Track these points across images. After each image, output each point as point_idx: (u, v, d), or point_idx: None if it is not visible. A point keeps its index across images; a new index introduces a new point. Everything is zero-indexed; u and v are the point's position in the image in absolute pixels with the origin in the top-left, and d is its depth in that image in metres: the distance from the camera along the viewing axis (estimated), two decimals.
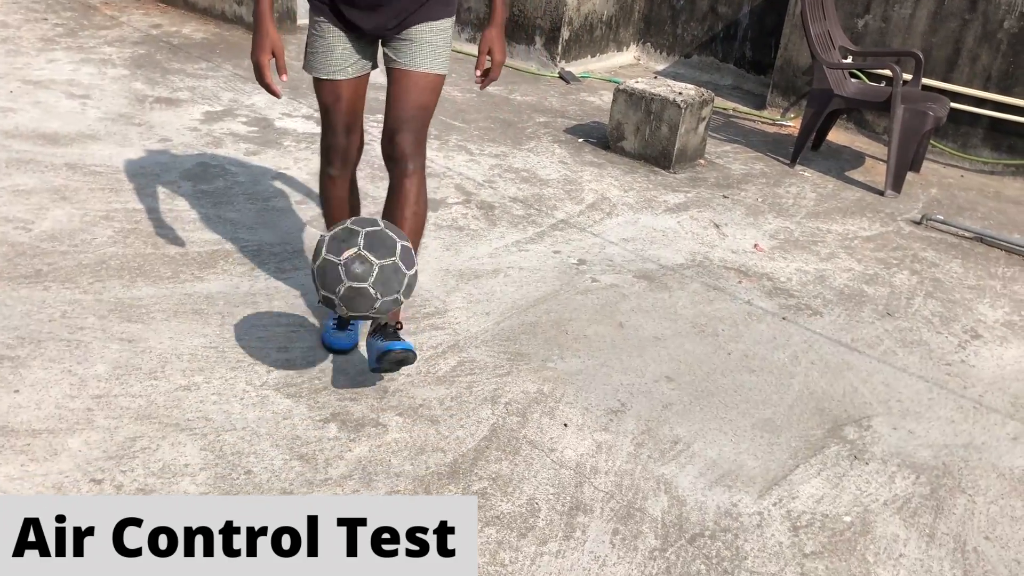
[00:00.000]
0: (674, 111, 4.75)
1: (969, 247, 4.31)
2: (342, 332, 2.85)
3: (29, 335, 2.75)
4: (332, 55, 2.57)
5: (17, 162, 3.94)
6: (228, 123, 4.74)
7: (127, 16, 6.71)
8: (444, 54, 2.61)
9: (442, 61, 2.61)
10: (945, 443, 2.79)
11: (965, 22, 5.46)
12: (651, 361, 3.04)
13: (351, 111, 2.65)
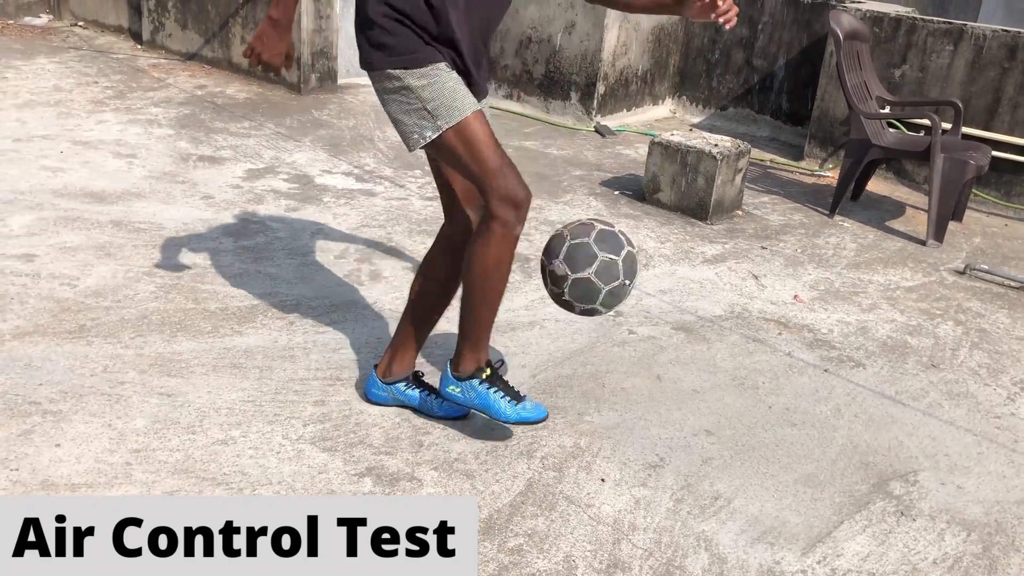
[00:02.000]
0: (710, 163, 4.75)
1: (1016, 297, 4.22)
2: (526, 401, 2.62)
3: (71, 389, 2.79)
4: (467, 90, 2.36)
5: (65, 220, 4.04)
6: (269, 180, 4.83)
7: (173, 78, 6.91)
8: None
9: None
10: (996, 499, 2.70)
11: (1004, 70, 5.42)
12: (690, 414, 3.00)
13: None
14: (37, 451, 2.49)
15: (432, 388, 2.79)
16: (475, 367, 2.58)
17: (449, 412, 2.77)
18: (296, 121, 6.01)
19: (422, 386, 2.81)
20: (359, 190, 4.81)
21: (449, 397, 2.63)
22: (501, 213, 2.34)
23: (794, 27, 6.51)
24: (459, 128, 2.32)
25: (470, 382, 2.59)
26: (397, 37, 2.30)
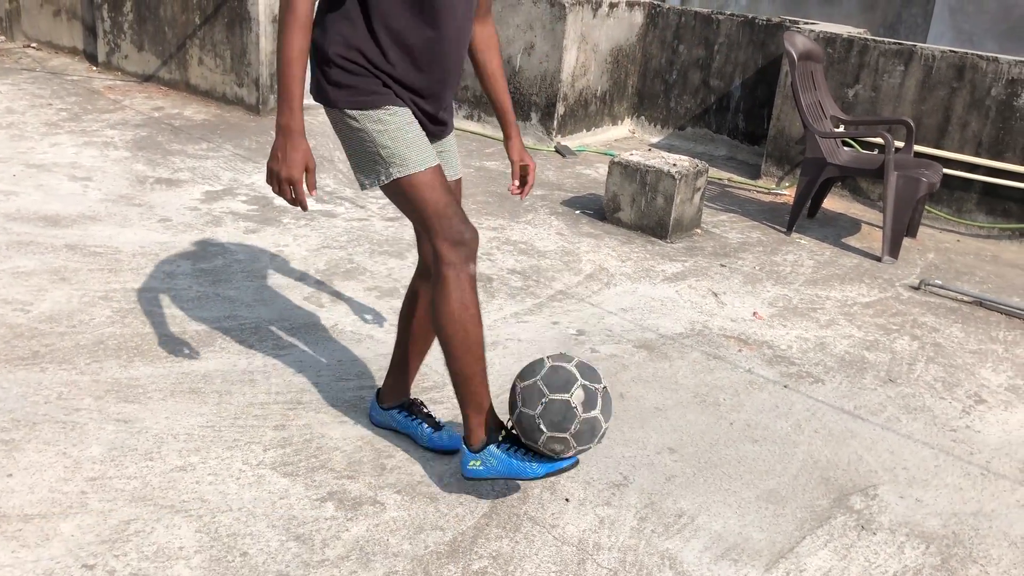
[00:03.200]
0: (669, 182, 4.80)
1: (969, 311, 4.30)
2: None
3: (24, 417, 2.72)
4: (424, 140, 2.34)
5: (17, 244, 3.97)
6: (228, 202, 4.78)
7: (130, 100, 6.84)
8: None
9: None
10: (954, 511, 2.74)
11: (953, 90, 5.56)
12: (653, 432, 3.01)
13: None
14: None
15: (427, 417, 2.78)
16: (486, 433, 2.46)
17: (436, 444, 2.74)
18: (255, 142, 5.97)
19: (416, 414, 2.79)
20: (319, 211, 4.78)
21: (474, 476, 2.45)
22: (448, 255, 2.32)
23: (749, 48, 6.62)
24: (407, 180, 2.31)
25: (487, 451, 2.45)
26: (356, 77, 2.28)
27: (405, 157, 2.29)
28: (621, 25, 6.93)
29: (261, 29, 6.52)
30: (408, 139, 2.30)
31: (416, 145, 2.31)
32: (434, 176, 2.33)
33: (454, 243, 2.31)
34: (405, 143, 2.30)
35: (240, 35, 6.66)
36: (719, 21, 6.73)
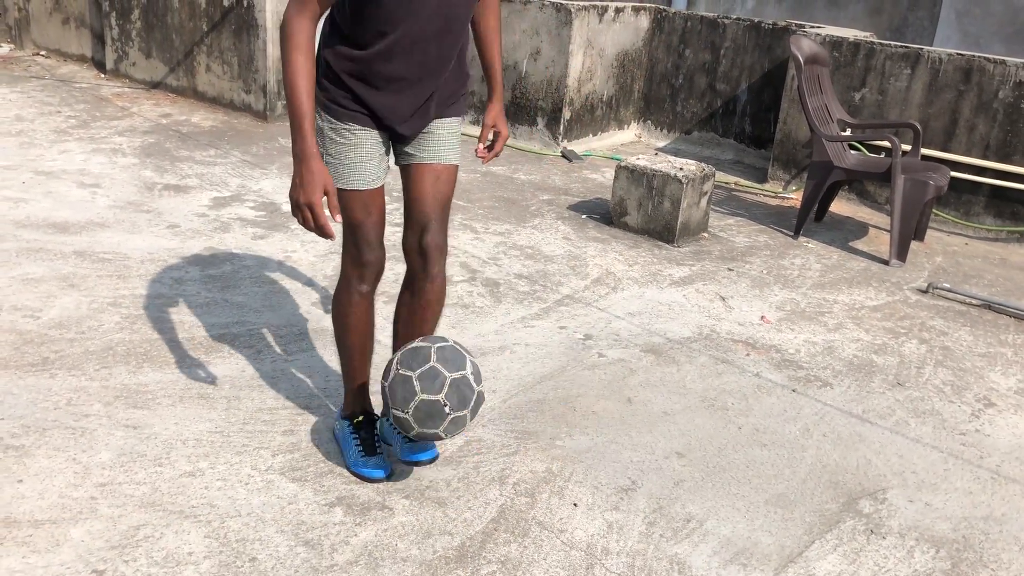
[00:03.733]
0: (676, 186, 4.80)
1: (977, 315, 4.29)
2: (374, 459, 2.64)
3: (34, 423, 2.74)
4: (370, 164, 2.43)
5: (27, 251, 3.99)
6: (236, 208, 4.80)
7: (138, 107, 6.86)
8: (459, 146, 2.58)
9: (459, 153, 2.58)
10: (964, 515, 2.73)
11: (960, 93, 5.55)
12: (661, 437, 3.00)
13: (382, 220, 2.50)
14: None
15: None
16: (350, 411, 2.72)
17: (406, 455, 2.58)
18: (262, 148, 5.99)
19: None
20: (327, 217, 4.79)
21: (335, 432, 2.80)
22: (346, 270, 2.52)
23: (756, 52, 6.62)
24: (342, 192, 2.43)
25: (343, 422, 2.74)
26: (332, 83, 2.37)
27: (340, 173, 2.42)
28: (627, 30, 6.93)
29: (268, 36, 6.54)
30: (352, 158, 2.41)
31: (358, 166, 2.42)
32: (362, 197, 2.43)
33: (352, 262, 2.50)
34: (348, 162, 2.41)
35: (247, 42, 6.68)
36: (725, 25, 6.74)
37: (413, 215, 2.51)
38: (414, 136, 2.49)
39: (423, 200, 2.49)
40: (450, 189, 2.54)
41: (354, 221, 2.46)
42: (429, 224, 2.49)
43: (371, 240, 2.47)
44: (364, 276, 2.51)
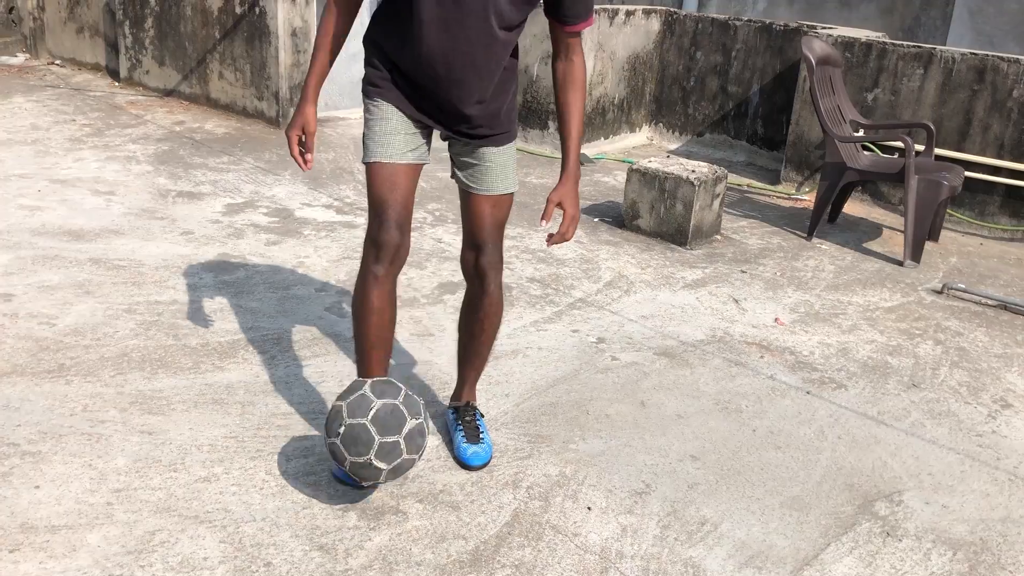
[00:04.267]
0: (688, 189, 4.79)
1: (993, 315, 4.26)
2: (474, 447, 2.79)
3: (51, 430, 2.75)
4: (394, 137, 2.45)
5: (43, 259, 4.02)
6: (249, 214, 4.82)
7: (151, 114, 6.91)
8: (514, 171, 2.63)
9: (514, 179, 2.63)
10: (981, 517, 2.71)
11: (974, 93, 5.52)
12: (675, 440, 3.00)
13: (406, 203, 2.47)
14: (16, 493, 2.45)
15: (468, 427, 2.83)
16: None
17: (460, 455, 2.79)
18: (275, 155, 6.01)
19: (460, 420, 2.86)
20: (339, 222, 4.81)
21: None
22: (365, 251, 2.51)
23: (767, 53, 6.60)
24: (368, 167, 2.49)
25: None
26: (369, 65, 2.48)
27: (368, 146, 2.48)
28: (638, 33, 6.93)
29: (280, 43, 6.57)
30: (378, 130, 2.45)
31: (383, 138, 2.45)
32: (385, 171, 2.45)
33: (370, 240, 2.47)
34: (374, 134, 2.46)
35: (260, 49, 6.72)
36: (736, 27, 6.73)
37: (470, 236, 2.61)
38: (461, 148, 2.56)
39: (480, 226, 2.58)
40: (506, 214, 2.63)
41: (375, 196, 2.45)
42: (485, 246, 2.59)
43: (388, 219, 2.43)
44: (379, 256, 2.46)
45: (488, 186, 2.57)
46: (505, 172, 2.59)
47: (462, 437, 2.78)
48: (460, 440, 2.78)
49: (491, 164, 2.56)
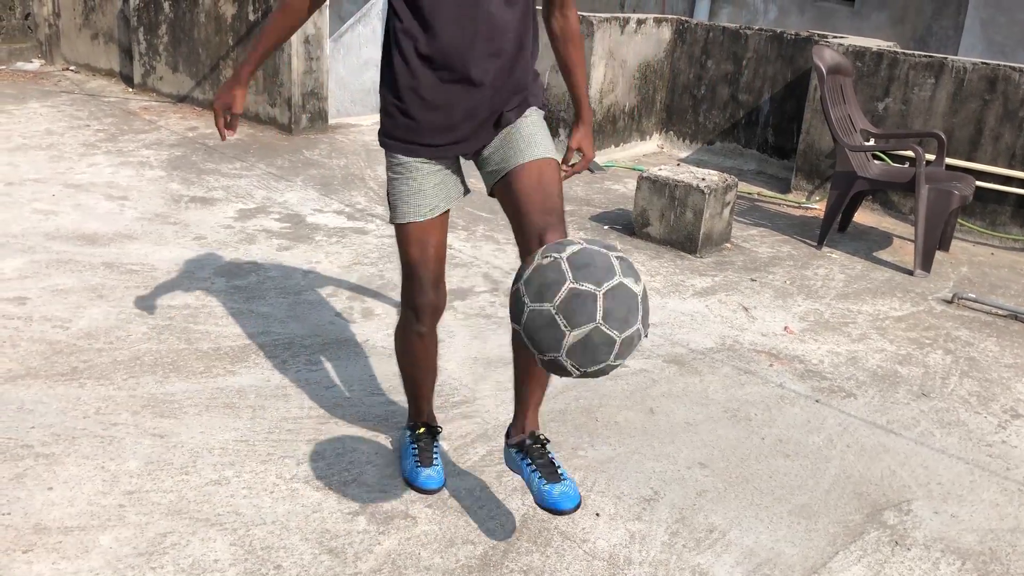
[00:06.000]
0: (698, 196, 4.80)
1: (1004, 325, 4.25)
2: (429, 468, 2.57)
3: (64, 432, 2.78)
4: (421, 196, 2.35)
5: (57, 263, 4.05)
6: (261, 220, 4.85)
7: (165, 120, 6.96)
8: (548, 138, 2.41)
9: (551, 145, 2.39)
10: (990, 527, 2.70)
11: (985, 102, 5.51)
12: (683, 447, 3.00)
13: (439, 257, 2.40)
14: (29, 495, 2.48)
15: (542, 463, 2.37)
16: (411, 423, 2.73)
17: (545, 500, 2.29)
18: (287, 161, 6.05)
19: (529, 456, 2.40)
20: (351, 228, 4.84)
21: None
22: (404, 312, 2.50)
23: (778, 62, 6.61)
24: (397, 227, 2.43)
25: (405, 431, 2.77)
26: (389, 117, 2.35)
27: (396, 207, 2.40)
28: (649, 41, 6.95)
29: (293, 50, 6.61)
30: (403, 190, 2.37)
31: (410, 199, 2.37)
32: (416, 232, 2.38)
33: (407, 302, 2.47)
34: (400, 195, 2.38)
35: (273, 56, 6.76)
36: (747, 36, 6.74)
37: (527, 228, 2.23)
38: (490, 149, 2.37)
39: (532, 208, 2.23)
40: (557, 185, 2.29)
41: (409, 260, 2.40)
42: (547, 226, 2.19)
43: (424, 282, 2.40)
44: (420, 318, 2.46)
45: (524, 154, 2.31)
46: (536, 138, 2.34)
47: (539, 479, 2.32)
48: (539, 483, 2.31)
49: (520, 131, 2.34)
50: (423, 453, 2.62)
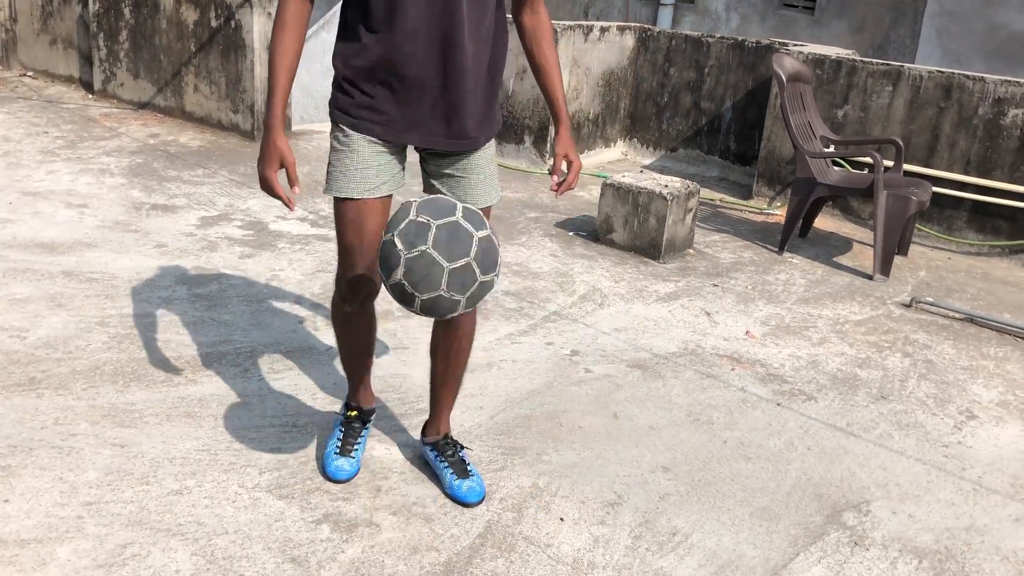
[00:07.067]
0: (661, 203, 4.84)
1: (960, 328, 4.33)
2: (344, 459, 2.69)
3: (21, 443, 2.74)
4: (365, 172, 2.33)
5: (14, 271, 3.99)
6: (223, 227, 4.82)
7: (125, 127, 6.88)
8: (497, 179, 2.50)
9: (498, 188, 2.53)
10: (946, 526, 2.75)
11: (941, 110, 5.62)
12: (647, 451, 3.02)
13: (375, 243, 2.34)
14: None
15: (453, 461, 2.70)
16: (347, 400, 2.82)
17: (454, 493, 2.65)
18: (250, 168, 6.01)
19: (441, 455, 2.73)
20: (314, 235, 4.81)
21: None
22: (336, 289, 2.55)
23: (740, 70, 6.69)
24: (336, 206, 2.40)
25: (343, 405, 2.84)
26: (339, 89, 2.34)
27: (336, 179, 2.36)
28: (612, 49, 7.00)
29: (256, 56, 6.58)
30: (345, 163, 2.34)
31: (350, 173, 2.33)
32: (353, 210, 2.35)
33: (339, 281, 2.50)
34: (343, 167, 2.34)
35: (235, 62, 6.72)
36: (709, 44, 6.81)
37: None
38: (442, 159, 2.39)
39: None
40: None
41: (343, 242, 2.39)
42: None
43: (356, 265, 2.39)
44: (350, 298, 2.51)
45: (478, 197, 2.44)
46: (490, 181, 2.47)
47: (451, 474, 2.66)
48: (451, 478, 2.65)
49: (475, 173, 2.42)
50: (346, 441, 2.74)
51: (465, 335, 2.62)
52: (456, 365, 2.66)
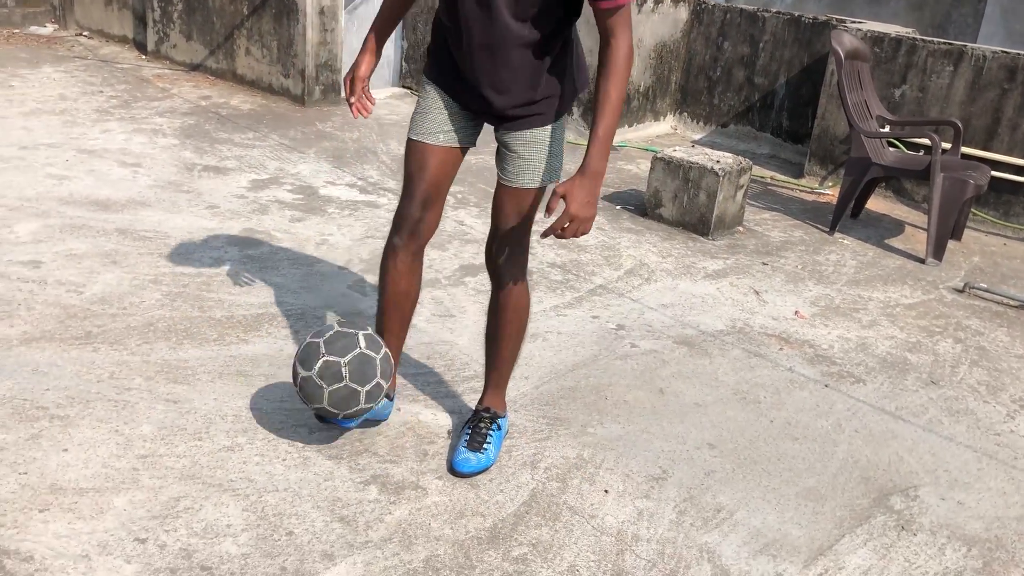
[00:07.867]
0: (712, 179, 4.79)
1: (1015, 315, 4.25)
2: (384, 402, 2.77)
3: (79, 395, 2.80)
4: (427, 117, 2.52)
5: (71, 227, 4.06)
6: (274, 191, 4.86)
7: (178, 88, 6.95)
8: (541, 166, 2.48)
9: (538, 174, 2.49)
10: (997, 515, 2.72)
11: (1004, 91, 5.48)
12: (692, 428, 3.02)
13: (434, 183, 2.52)
14: (45, 455, 2.50)
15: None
16: None
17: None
18: (300, 133, 6.04)
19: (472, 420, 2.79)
20: (363, 201, 4.84)
21: None
22: (392, 224, 2.61)
23: (795, 46, 6.57)
24: (407, 141, 2.59)
25: None
26: (428, 52, 2.58)
27: (412, 122, 2.58)
28: (665, 21, 6.91)
29: (308, 21, 6.59)
30: (417, 109, 2.56)
31: (420, 117, 2.54)
32: (415, 149, 2.54)
33: (396, 214, 2.58)
34: (414, 113, 2.57)
35: (287, 26, 6.74)
36: (765, 19, 6.69)
37: (493, 228, 2.59)
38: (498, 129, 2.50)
39: (498, 217, 2.56)
40: (528, 210, 2.53)
41: (406, 170, 2.57)
42: (497, 241, 2.58)
43: (412, 194, 2.54)
44: (399, 228, 2.57)
45: (511, 177, 2.50)
46: (531, 165, 2.47)
47: (463, 442, 2.68)
48: (461, 444, 2.68)
49: (519, 154, 2.47)
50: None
51: (504, 313, 2.64)
52: (499, 343, 2.70)
